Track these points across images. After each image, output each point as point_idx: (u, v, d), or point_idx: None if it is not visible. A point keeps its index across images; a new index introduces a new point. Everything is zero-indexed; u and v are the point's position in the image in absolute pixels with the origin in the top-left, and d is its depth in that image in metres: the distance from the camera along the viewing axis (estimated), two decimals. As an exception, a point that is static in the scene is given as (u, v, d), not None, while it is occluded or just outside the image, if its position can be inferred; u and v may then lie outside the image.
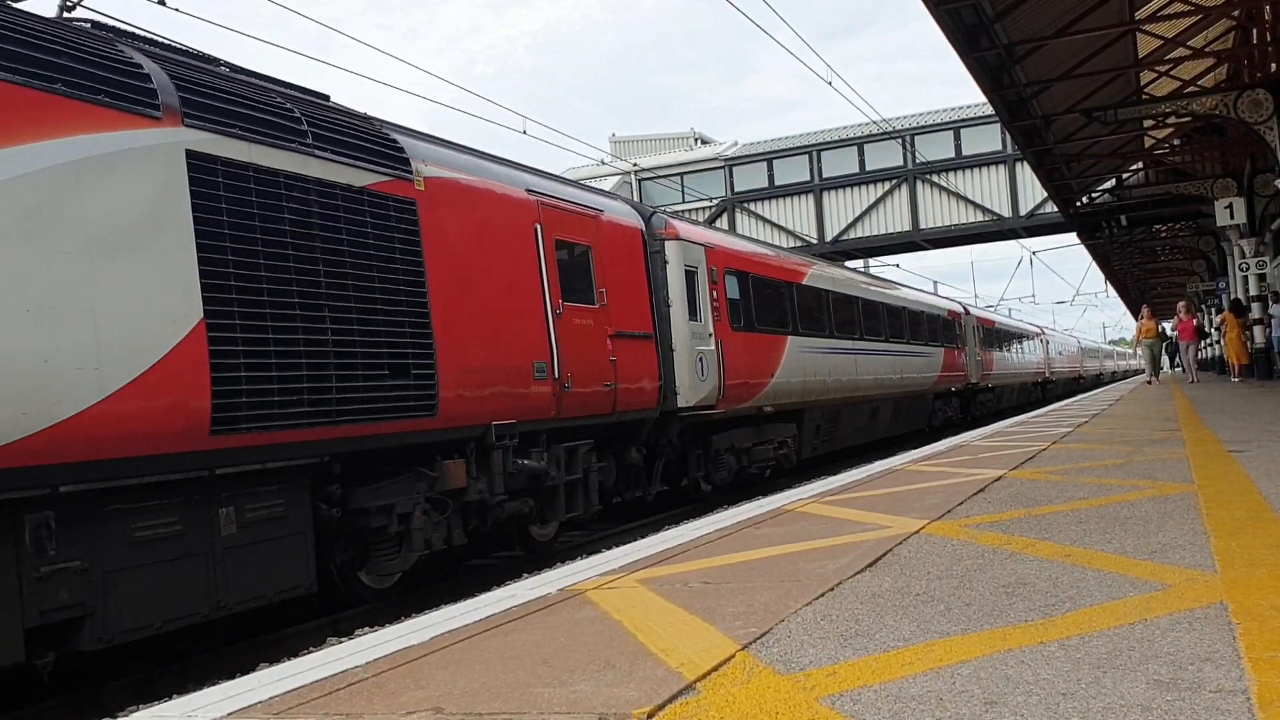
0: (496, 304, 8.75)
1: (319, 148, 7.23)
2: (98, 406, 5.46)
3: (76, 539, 5.55)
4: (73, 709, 6.93)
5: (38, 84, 5.44)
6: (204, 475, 6.21)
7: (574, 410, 9.73)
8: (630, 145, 42.24)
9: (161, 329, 5.86)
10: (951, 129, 33.56)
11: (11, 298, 5.10)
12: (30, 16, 5.98)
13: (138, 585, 5.90)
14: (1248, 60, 18.05)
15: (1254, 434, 8.35)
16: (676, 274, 12.02)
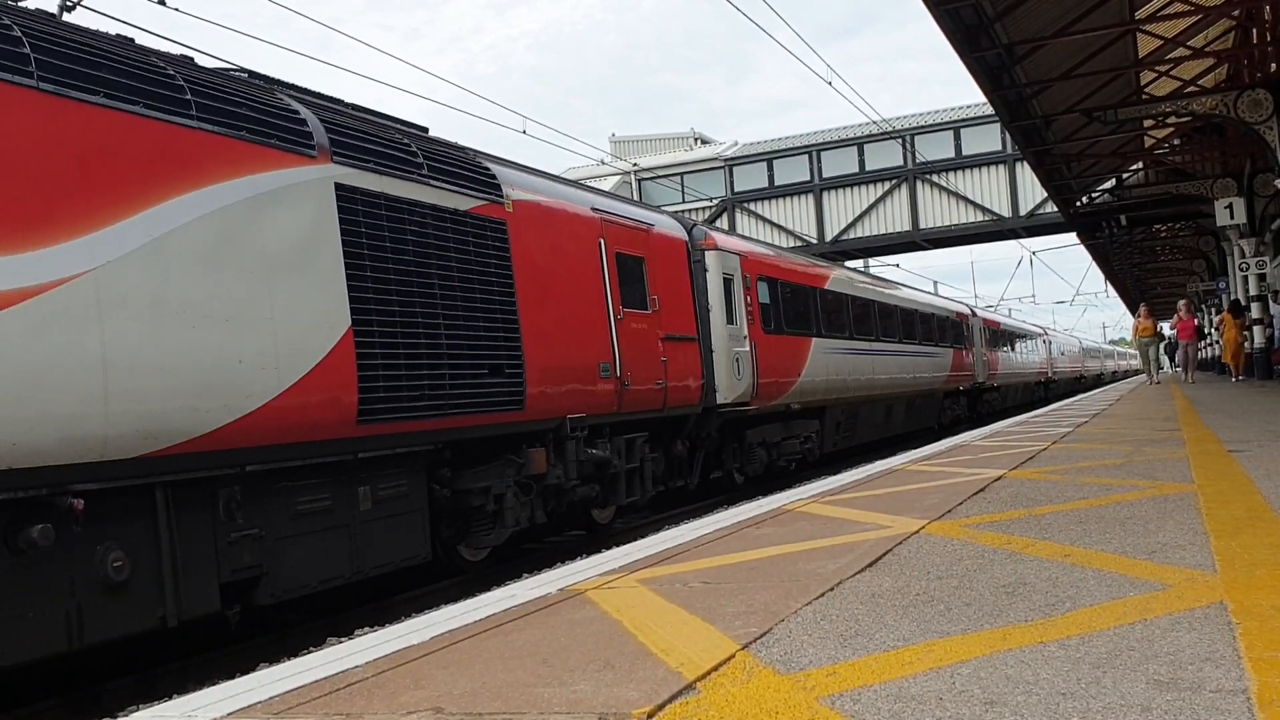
0: (570, 311, 9.91)
1: (432, 177, 8.36)
2: (275, 400, 6.54)
3: (256, 511, 6.66)
4: (73, 709, 6.93)
5: (228, 132, 6.56)
6: (349, 459, 7.31)
7: (632, 406, 10.84)
8: (630, 145, 42.25)
9: (321, 335, 6.96)
10: (951, 129, 33.56)
11: (214, 311, 6.21)
12: (215, 73, 7.28)
13: (299, 551, 7.02)
14: (1248, 60, 18.05)
15: (1254, 434, 8.35)
16: (715, 281, 13.09)
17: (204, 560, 6.35)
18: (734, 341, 13.29)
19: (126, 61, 6.16)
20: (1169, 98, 18.38)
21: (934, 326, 24.39)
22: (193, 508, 6.31)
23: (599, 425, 10.28)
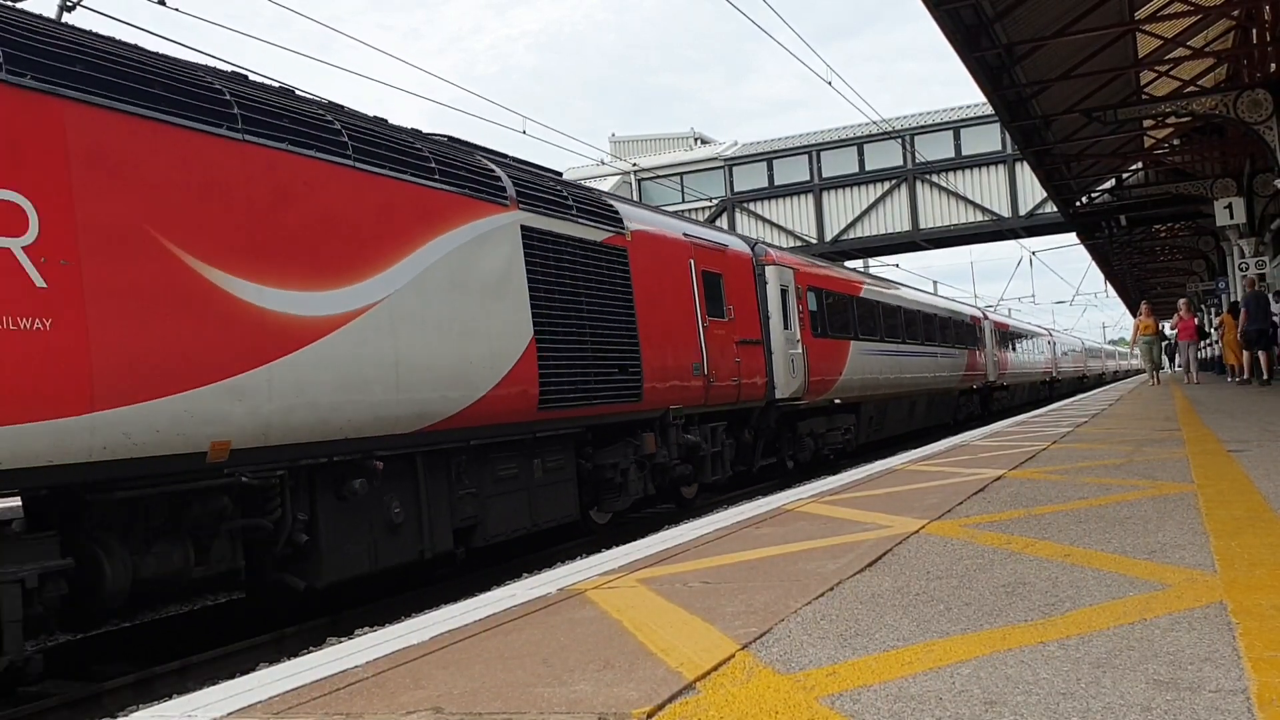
0: (670, 320, 12.00)
1: (578, 216, 10.55)
2: (490, 392, 8.70)
3: (473, 475, 8.93)
4: (73, 709, 6.93)
5: (457, 190, 8.76)
6: (529, 438, 9.51)
7: (715, 399, 12.91)
8: (630, 145, 42.25)
9: (516, 342, 9.11)
10: (951, 129, 33.57)
11: (455, 325, 8.38)
12: (442, 141, 9.51)
13: (499, 507, 9.24)
14: (1248, 60, 18.05)
15: (1254, 434, 8.35)
16: (774, 292, 15.08)
17: (443, 511, 8.55)
18: (789, 344, 15.23)
19: (399, 142, 8.39)
20: (1169, 98, 18.38)
21: (951, 329, 26.28)
22: (436, 472, 8.49)
23: (691, 415, 12.45)
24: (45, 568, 5.59)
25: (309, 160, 7.26)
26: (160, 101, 6.31)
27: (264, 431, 6.67)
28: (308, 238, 7.16)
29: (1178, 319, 24.46)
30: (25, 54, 5.59)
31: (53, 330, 5.45)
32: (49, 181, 5.56)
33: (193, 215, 6.39)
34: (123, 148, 6.00)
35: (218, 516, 6.72)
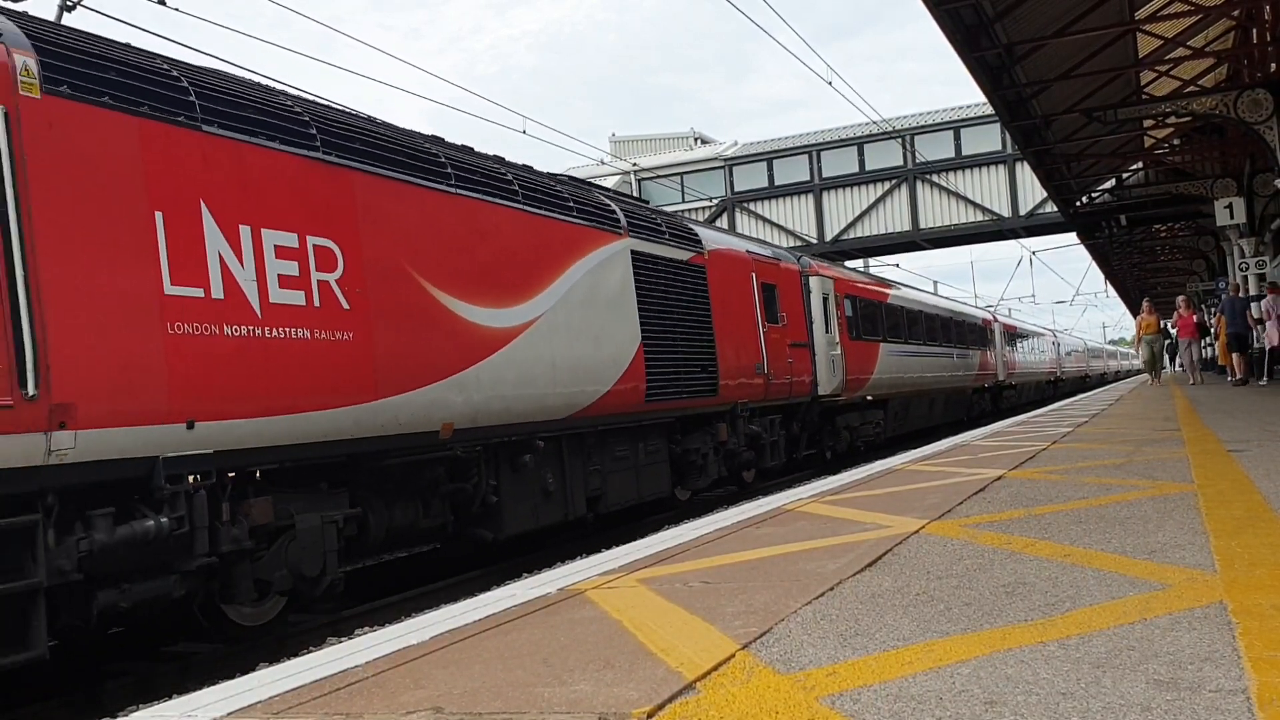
0: (738, 326, 13.93)
1: (670, 240, 12.59)
2: (613, 386, 10.72)
3: (599, 455, 10.97)
4: (73, 709, 6.93)
5: (588, 224, 10.74)
6: (637, 425, 11.61)
7: (773, 395, 14.93)
8: (630, 145, 42.25)
9: (630, 346, 11.19)
10: (951, 129, 33.56)
11: (589, 332, 10.38)
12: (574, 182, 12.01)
13: (615, 482, 11.30)
14: (1248, 60, 18.05)
15: (1254, 434, 8.35)
16: (818, 300, 17.00)
17: (579, 483, 10.58)
18: (830, 346, 17.20)
19: (547, 186, 10.51)
20: (1169, 98, 18.38)
21: (965, 332, 28.41)
22: (575, 451, 10.56)
23: (754, 408, 14.35)
24: (346, 514, 7.68)
25: (493, 205, 9.38)
26: (404, 168, 8.34)
27: (473, 416, 8.72)
28: (495, 267, 9.26)
29: (1177, 317, 23.83)
30: (331, 138, 7.74)
31: (353, 340, 7.52)
32: (346, 231, 7.63)
33: (427, 252, 8.43)
34: (385, 204, 8.00)
35: (436, 482, 8.73)
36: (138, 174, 6.39)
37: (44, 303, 5.61)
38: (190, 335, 6.51)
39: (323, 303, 7.36)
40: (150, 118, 6.47)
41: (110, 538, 5.98)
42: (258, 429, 6.82)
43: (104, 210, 6.15)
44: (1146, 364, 25.46)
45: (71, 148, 5.98)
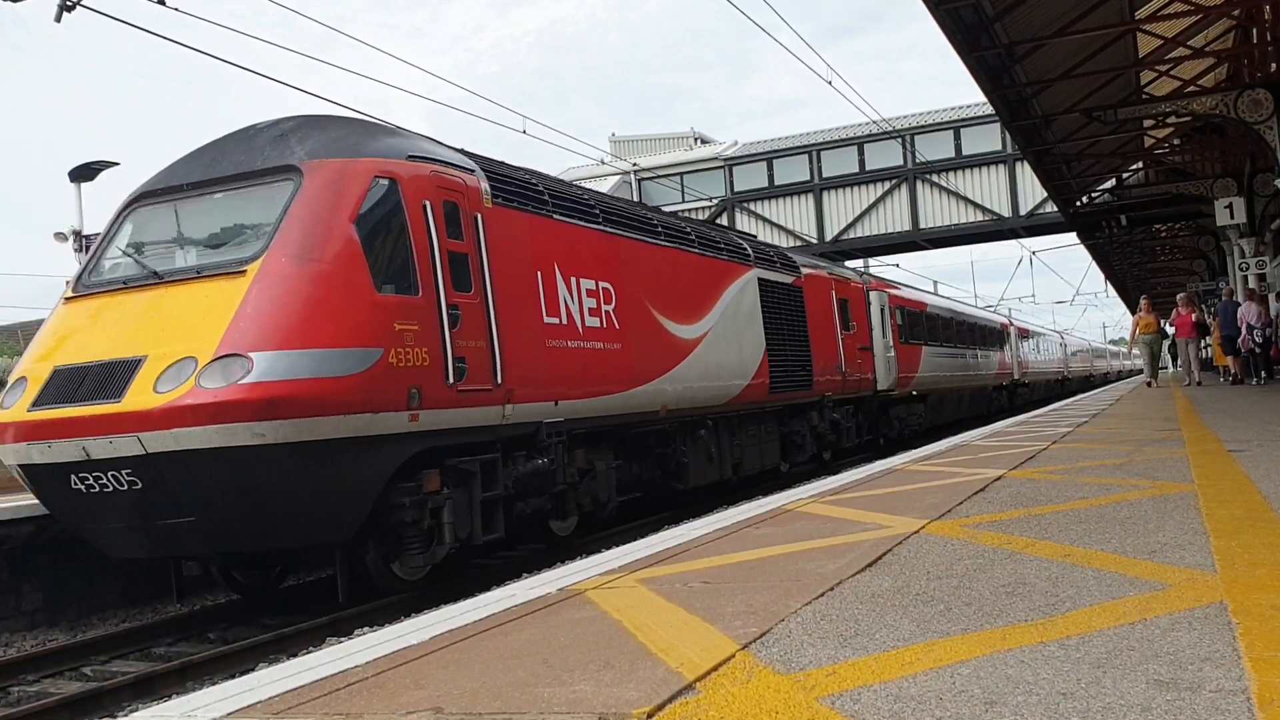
0: (823, 334, 17.51)
1: (779, 268, 16.17)
2: (749, 383, 14.11)
3: (738, 434, 14.30)
4: (73, 709, 6.92)
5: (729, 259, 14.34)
6: (762, 411, 14.97)
7: (847, 389, 18.58)
8: (630, 145, 42.23)
9: (759, 352, 14.58)
10: (951, 129, 33.55)
11: (734, 340, 13.70)
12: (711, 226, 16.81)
13: (747, 454, 14.57)
14: (1248, 60, 18.04)
15: (1254, 434, 8.35)
16: (876, 310, 20.71)
17: (728, 453, 14.00)
18: (886, 349, 20.79)
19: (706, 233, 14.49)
20: (1169, 98, 18.37)
21: (988, 335, 32.24)
22: (725, 429, 13.94)
23: (835, 400, 17.95)
24: (609, 465, 11.27)
25: (680, 251, 13.08)
26: (636, 229, 12.19)
27: (676, 401, 12.29)
28: (685, 294, 12.91)
29: (1176, 316, 23.01)
30: (606, 215, 11.72)
31: (621, 349, 11.23)
32: (615, 276, 11.37)
33: (651, 286, 12.14)
34: (630, 255, 11.81)
35: (651, 446, 12.35)
36: (528, 247, 9.96)
37: (499, 330, 9.20)
38: (554, 348, 10.08)
39: (607, 324, 11.10)
40: (531, 213, 10.14)
41: (523, 469, 9.65)
42: (583, 406, 10.47)
43: (516, 272, 9.67)
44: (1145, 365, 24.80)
45: (503, 234, 9.55)
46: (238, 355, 7.40)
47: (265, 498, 7.62)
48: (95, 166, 15.47)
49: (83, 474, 7.64)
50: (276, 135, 8.88)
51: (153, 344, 7.66)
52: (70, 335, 8.22)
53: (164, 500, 7.60)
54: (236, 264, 7.95)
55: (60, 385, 7.80)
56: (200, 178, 8.79)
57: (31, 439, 7.72)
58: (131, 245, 8.75)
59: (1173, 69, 18.02)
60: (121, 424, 7.38)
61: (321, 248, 7.96)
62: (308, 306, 7.72)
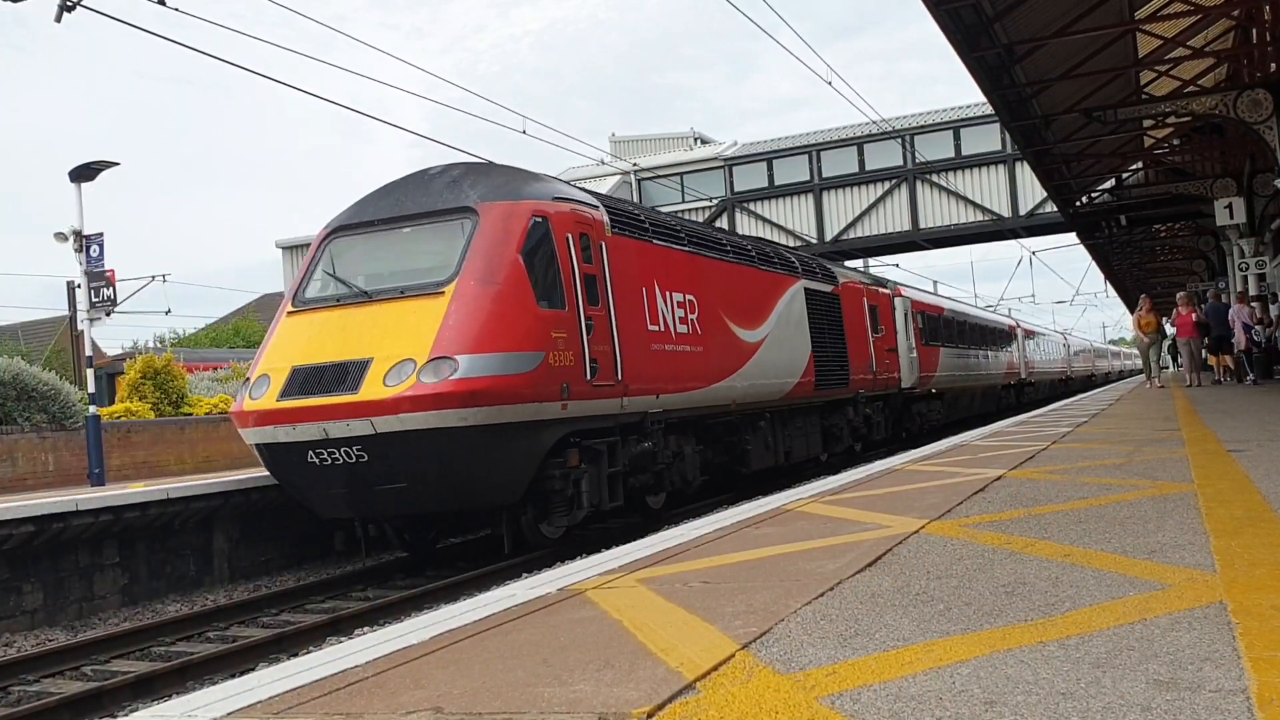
0: (858, 337, 19.74)
1: (820, 278, 18.35)
2: (798, 380, 16.31)
3: (787, 425, 16.39)
4: (73, 709, 6.92)
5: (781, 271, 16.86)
6: (808, 406, 17.17)
7: (877, 387, 20.71)
8: (630, 145, 42.24)
9: (805, 353, 16.63)
10: (951, 129, 33.53)
11: (785, 343, 16.01)
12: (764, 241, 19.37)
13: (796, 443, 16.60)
14: (1248, 60, 18.04)
15: (1254, 434, 8.35)
16: (901, 315, 22.90)
17: (781, 442, 15.98)
18: (909, 350, 23.01)
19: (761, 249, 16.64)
20: (1169, 98, 18.36)
21: (997, 337, 34.88)
22: (779, 421, 15.90)
23: (867, 396, 20.05)
24: (694, 449, 13.31)
25: (743, 266, 15.29)
26: (709, 249, 14.43)
27: (741, 397, 14.35)
28: (748, 303, 14.99)
29: (1176, 314, 22.45)
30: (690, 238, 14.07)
31: (702, 352, 13.29)
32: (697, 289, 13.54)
33: (722, 297, 14.24)
34: (707, 271, 13.98)
35: (720, 435, 14.32)
36: (636, 268, 12.21)
37: (619, 336, 11.42)
38: (655, 351, 12.29)
39: (692, 330, 13.22)
40: (637, 239, 12.48)
41: (634, 451, 11.78)
42: (675, 399, 12.65)
43: (629, 287, 11.92)
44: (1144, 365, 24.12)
45: (619, 258, 11.82)
46: (447, 358, 9.58)
47: (461, 467, 9.83)
48: (95, 166, 15.47)
49: (319, 450, 9.82)
50: (450, 181, 11.17)
51: (376, 348, 9.80)
52: (300, 341, 10.43)
53: (383, 470, 9.74)
54: (434, 286, 10.13)
55: (302, 381, 9.93)
56: (389, 215, 11.01)
57: (279, 423, 9.90)
58: (336, 270, 10.96)
59: (1172, 69, 18.02)
60: (358, 410, 9.54)
61: (499, 273, 10.20)
62: (493, 319, 9.95)
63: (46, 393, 16.02)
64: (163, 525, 11.39)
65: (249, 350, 36.57)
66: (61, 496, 11.06)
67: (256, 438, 10.27)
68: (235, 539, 12.29)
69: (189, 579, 11.75)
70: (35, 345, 38.24)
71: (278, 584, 11.90)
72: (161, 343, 46.22)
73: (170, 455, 17.25)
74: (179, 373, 20.02)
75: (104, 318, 16.18)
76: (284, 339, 10.69)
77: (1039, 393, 41.50)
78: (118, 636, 8.96)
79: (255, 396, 10.20)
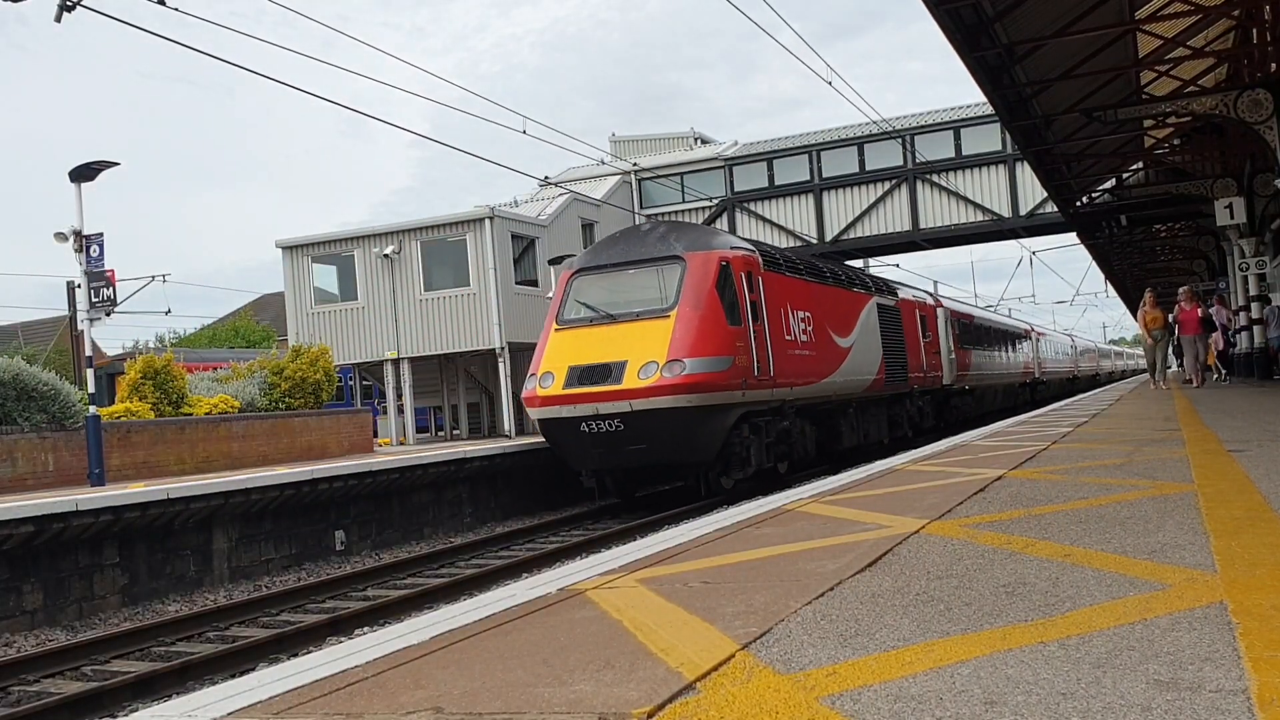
0: (914, 342, 24.27)
1: (886, 293, 23.59)
2: (873, 379, 21.42)
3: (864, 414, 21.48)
4: (73, 709, 6.92)
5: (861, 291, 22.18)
6: (878, 399, 22.33)
7: (926, 384, 25.19)
8: (630, 145, 42.19)
9: (877, 356, 21.78)
10: (951, 129, 33.48)
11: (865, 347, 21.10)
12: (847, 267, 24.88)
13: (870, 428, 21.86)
14: (1248, 60, 18.03)
15: (1254, 434, 8.35)
16: (942, 322, 27.75)
17: (859, 426, 20.80)
18: (949, 352, 27.68)
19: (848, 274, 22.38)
20: (1169, 98, 18.36)
21: (1017, 339, 39.90)
22: (858, 411, 20.76)
23: (919, 391, 24.64)
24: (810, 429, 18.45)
25: (839, 289, 20.06)
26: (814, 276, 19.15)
27: (838, 390, 19.00)
28: (841, 316, 19.54)
29: (1179, 310, 21.29)
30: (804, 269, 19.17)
31: (815, 355, 18.34)
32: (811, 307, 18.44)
33: (824, 312, 18.90)
34: (816, 294, 18.87)
35: (821, 419, 18.75)
36: (777, 293, 16.92)
37: (771, 344, 16.21)
38: (790, 355, 16.76)
39: (809, 339, 17.72)
40: (777, 272, 17.21)
41: (778, 427, 16.65)
42: (800, 391, 17.11)
43: (774, 309, 16.56)
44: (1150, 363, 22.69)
45: (768, 287, 16.64)
46: (678, 360, 14.61)
47: (682, 434, 14.76)
48: (95, 166, 15.46)
49: (589, 422, 14.88)
50: (660, 235, 16.42)
51: (628, 353, 14.85)
52: (570, 349, 15.42)
53: (633, 435, 14.73)
54: (662, 311, 15.21)
55: (579, 376, 15.00)
56: (619, 260, 16.21)
57: (564, 404, 15.05)
58: (585, 299, 16.03)
59: (1173, 69, 18.01)
60: (621, 395, 14.64)
61: (704, 302, 15.24)
62: (703, 334, 14.98)
63: (46, 393, 16.01)
64: (163, 525, 11.39)
65: (249, 350, 36.61)
66: (61, 497, 11.06)
67: (545, 414, 15.47)
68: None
69: (189, 579, 11.76)
70: (35, 345, 38.24)
71: (278, 584, 11.92)
72: (161, 342, 46.23)
73: (170, 455, 17.25)
74: (179, 373, 20.00)
75: (104, 318, 16.18)
76: (557, 348, 15.69)
77: (1050, 390, 45.53)
78: (118, 636, 8.95)
79: (545, 387, 15.28)
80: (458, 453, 16.69)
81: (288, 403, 21.20)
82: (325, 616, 9.20)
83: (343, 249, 28.65)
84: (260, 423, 19.28)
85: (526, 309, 28.50)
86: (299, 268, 28.79)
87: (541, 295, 28.28)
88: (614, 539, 12.64)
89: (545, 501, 18.39)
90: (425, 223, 28.46)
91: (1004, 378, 35.59)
